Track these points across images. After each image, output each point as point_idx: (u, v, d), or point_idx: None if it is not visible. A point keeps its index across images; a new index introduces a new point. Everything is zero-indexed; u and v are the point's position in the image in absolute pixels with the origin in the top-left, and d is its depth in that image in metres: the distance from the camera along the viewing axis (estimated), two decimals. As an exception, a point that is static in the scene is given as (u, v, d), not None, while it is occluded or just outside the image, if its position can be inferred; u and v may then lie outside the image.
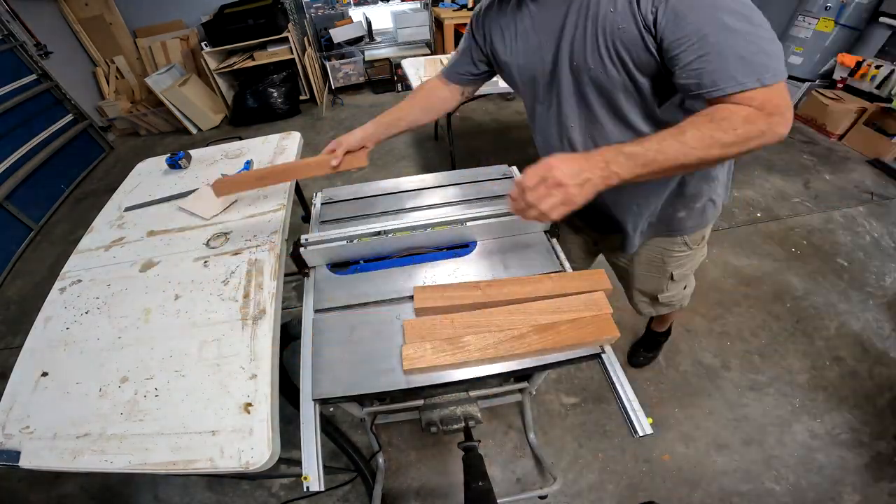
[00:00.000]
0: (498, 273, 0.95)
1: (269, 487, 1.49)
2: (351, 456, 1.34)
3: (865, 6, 3.46)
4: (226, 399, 0.73)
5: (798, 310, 1.98)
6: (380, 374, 0.77)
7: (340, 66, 4.30)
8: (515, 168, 1.33)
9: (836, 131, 3.48)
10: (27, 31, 3.28)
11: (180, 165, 1.42)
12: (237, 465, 0.65)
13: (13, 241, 2.70)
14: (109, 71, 3.96)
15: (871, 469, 1.43)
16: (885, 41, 3.44)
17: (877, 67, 3.28)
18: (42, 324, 0.92)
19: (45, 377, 0.81)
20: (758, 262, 2.25)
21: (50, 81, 3.28)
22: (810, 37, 3.79)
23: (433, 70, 2.50)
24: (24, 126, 3.01)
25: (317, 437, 0.71)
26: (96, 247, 1.13)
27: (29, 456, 0.70)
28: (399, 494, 1.44)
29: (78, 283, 1.02)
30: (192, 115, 3.88)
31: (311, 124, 3.94)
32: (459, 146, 3.32)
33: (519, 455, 1.52)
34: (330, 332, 0.85)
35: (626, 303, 1.29)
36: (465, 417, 1.01)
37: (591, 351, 0.79)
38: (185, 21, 4.14)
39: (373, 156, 3.68)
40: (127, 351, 0.84)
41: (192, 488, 1.50)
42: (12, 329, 2.17)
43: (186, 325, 0.87)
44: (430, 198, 1.24)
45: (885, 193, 2.79)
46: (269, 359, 0.79)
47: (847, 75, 3.52)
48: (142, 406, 0.74)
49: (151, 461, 0.67)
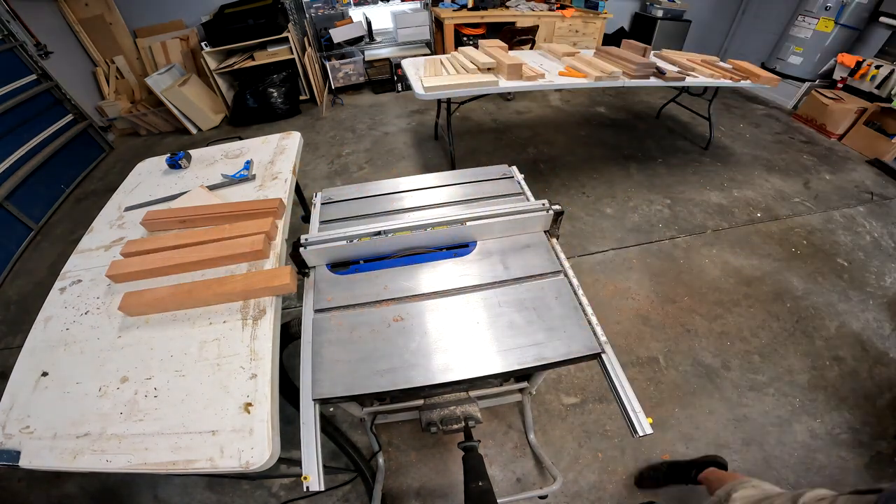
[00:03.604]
0: (498, 273, 0.95)
1: (269, 487, 1.49)
2: (351, 456, 1.34)
3: (865, 6, 3.46)
4: (226, 399, 0.73)
5: (798, 310, 1.98)
6: (380, 373, 0.77)
7: (340, 66, 4.30)
8: (515, 168, 1.33)
9: (836, 131, 3.48)
10: (27, 31, 3.28)
11: (180, 165, 1.42)
12: (237, 465, 0.65)
13: (13, 241, 2.70)
14: (109, 71, 3.96)
15: (871, 469, 1.43)
16: (885, 41, 3.44)
17: (877, 67, 3.29)
18: (42, 324, 0.92)
19: (45, 377, 0.81)
20: (758, 261, 2.25)
21: (50, 81, 3.28)
22: (810, 37, 3.79)
23: (433, 70, 2.50)
24: (24, 126, 3.01)
25: (317, 437, 0.71)
26: (96, 247, 1.13)
27: (29, 456, 0.70)
28: (399, 494, 1.44)
29: (78, 282, 1.02)
30: (192, 115, 3.88)
31: (311, 124, 3.94)
32: (459, 146, 3.32)
33: (519, 455, 1.52)
34: (330, 332, 0.85)
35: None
36: (465, 417, 1.01)
37: (591, 351, 0.79)
38: (185, 21, 4.14)
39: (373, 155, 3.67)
40: (127, 351, 0.84)
41: (192, 488, 1.50)
42: (12, 329, 2.17)
43: (186, 325, 0.87)
44: (429, 198, 1.24)
45: (885, 193, 2.79)
46: (269, 359, 0.79)
47: (847, 75, 3.53)
48: (142, 406, 0.74)
49: (151, 461, 0.67)
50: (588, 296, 0.89)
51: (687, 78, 2.57)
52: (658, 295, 2.09)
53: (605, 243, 2.39)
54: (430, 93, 2.22)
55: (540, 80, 2.34)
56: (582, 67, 2.47)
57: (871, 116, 3.25)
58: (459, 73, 2.43)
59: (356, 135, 3.67)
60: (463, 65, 2.51)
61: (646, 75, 2.45)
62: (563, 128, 3.65)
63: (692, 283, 2.14)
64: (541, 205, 1.03)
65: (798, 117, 3.86)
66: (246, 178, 1.33)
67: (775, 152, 3.33)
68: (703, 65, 2.77)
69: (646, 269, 2.23)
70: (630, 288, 2.12)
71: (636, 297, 2.08)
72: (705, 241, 2.41)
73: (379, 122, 3.87)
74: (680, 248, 2.36)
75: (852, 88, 3.52)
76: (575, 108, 4.10)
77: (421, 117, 3.91)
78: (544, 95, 4.31)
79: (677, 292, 2.10)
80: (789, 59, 4.01)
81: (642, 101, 4.27)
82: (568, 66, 2.55)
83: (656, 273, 2.21)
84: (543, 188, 2.83)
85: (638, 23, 5.02)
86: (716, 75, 2.62)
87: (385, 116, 3.98)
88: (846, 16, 3.50)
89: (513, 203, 1.11)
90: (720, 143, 3.47)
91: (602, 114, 3.99)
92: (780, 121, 3.88)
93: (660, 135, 3.57)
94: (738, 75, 2.64)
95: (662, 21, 4.70)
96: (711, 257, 2.30)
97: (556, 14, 4.30)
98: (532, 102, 4.19)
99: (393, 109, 4.12)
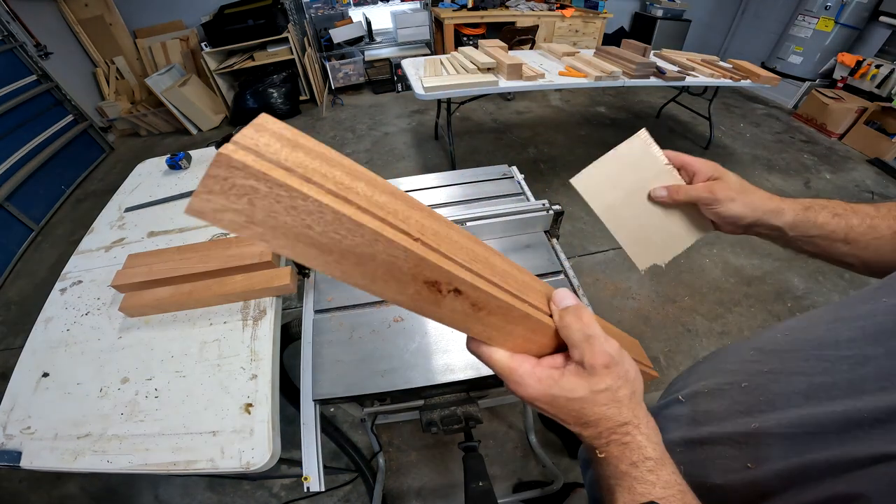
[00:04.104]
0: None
1: (269, 488, 1.49)
2: (351, 456, 1.34)
3: (865, 5, 3.46)
4: (226, 399, 0.73)
5: (799, 309, 1.98)
6: (380, 374, 0.77)
7: (340, 66, 4.30)
8: (515, 168, 1.33)
9: (836, 131, 3.48)
10: (27, 31, 3.28)
11: (180, 166, 1.42)
12: (238, 466, 0.65)
13: (14, 242, 2.70)
14: (109, 71, 3.96)
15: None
16: (885, 40, 3.44)
17: (877, 67, 3.28)
18: (43, 324, 0.92)
19: (46, 378, 0.81)
20: (758, 261, 2.25)
21: (50, 82, 3.28)
22: (810, 36, 3.79)
23: (433, 70, 2.50)
24: (25, 127, 3.01)
25: (317, 437, 0.72)
26: (97, 247, 1.13)
27: (30, 456, 0.70)
28: (399, 494, 1.44)
29: (79, 283, 1.02)
30: (192, 115, 3.88)
31: (311, 125, 3.94)
32: (459, 146, 3.32)
33: (519, 455, 1.52)
34: (330, 333, 0.85)
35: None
36: (466, 417, 1.01)
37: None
38: (185, 21, 4.15)
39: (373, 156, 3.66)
40: (127, 351, 0.84)
41: (193, 489, 1.50)
42: (13, 330, 2.17)
43: (187, 325, 0.87)
44: (430, 198, 1.24)
45: (885, 193, 2.78)
46: (269, 359, 0.79)
47: (847, 74, 3.52)
48: (142, 406, 0.74)
49: (152, 461, 0.67)
50: (588, 296, 0.89)
51: (687, 77, 2.57)
52: (658, 295, 2.09)
53: (606, 243, 2.39)
54: (430, 93, 2.22)
55: (540, 80, 2.34)
56: (582, 67, 2.47)
57: (872, 116, 3.25)
58: (459, 73, 2.43)
59: (356, 135, 3.67)
60: (463, 65, 2.51)
61: (646, 75, 2.45)
62: (564, 128, 3.65)
63: (693, 283, 2.14)
64: (541, 205, 1.03)
65: (798, 117, 3.86)
66: (246, 178, 1.33)
67: (775, 152, 3.33)
68: (703, 64, 2.77)
69: (646, 268, 2.23)
70: (630, 288, 2.12)
71: (636, 296, 2.08)
72: (706, 241, 2.41)
73: (379, 123, 3.87)
74: (680, 248, 2.36)
75: (852, 88, 3.52)
76: (575, 108, 4.10)
77: (421, 117, 3.91)
78: (544, 95, 4.31)
79: (678, 292, 2.10)
80: (789, 59, 4.01)
81: (642, 101, 4.27)
82: (568, 66, 2.55)
83: (657, 273, 2.21)
84: (543, 188, 2.83)
85: (638, 22, 5.02)
86: (716, 75, 2.62)
87: (385, 116, 3.98)
88: (846, 15, 3.50)
89: (513, 203, 1.11)
90: (720, 142, 3.47)
91: (602, 113, 3.99)
92: (781, 120, 3.88)
93: (660, 134, 3.57)
94: (739, 75, 2.64)
95: (662, 21, 4.70)
96: (712, 257, 2.30)
97: (556, 14, 4.30)
98: (532, 102, 4.19)
99: (393, 109, 4.12)
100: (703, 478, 0.42)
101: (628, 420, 0.34)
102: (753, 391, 0.42)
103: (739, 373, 0.46)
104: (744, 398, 0.42)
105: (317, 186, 0.21)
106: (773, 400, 0.39)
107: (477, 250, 0.30)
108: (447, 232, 0.28)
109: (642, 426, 0.34)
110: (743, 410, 0.42)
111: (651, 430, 0.35)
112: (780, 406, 0.38)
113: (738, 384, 0.44)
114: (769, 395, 0.39)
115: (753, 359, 0.45)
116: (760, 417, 0.39)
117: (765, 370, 0.42)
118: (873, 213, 0.48)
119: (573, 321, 0.34)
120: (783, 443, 0.36)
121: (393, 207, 0.25)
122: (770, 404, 0.39)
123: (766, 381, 0.41)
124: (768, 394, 0.40)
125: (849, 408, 0.31)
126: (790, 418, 0.36)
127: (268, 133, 0.22)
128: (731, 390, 0.45)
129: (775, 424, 0.37)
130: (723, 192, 0.51)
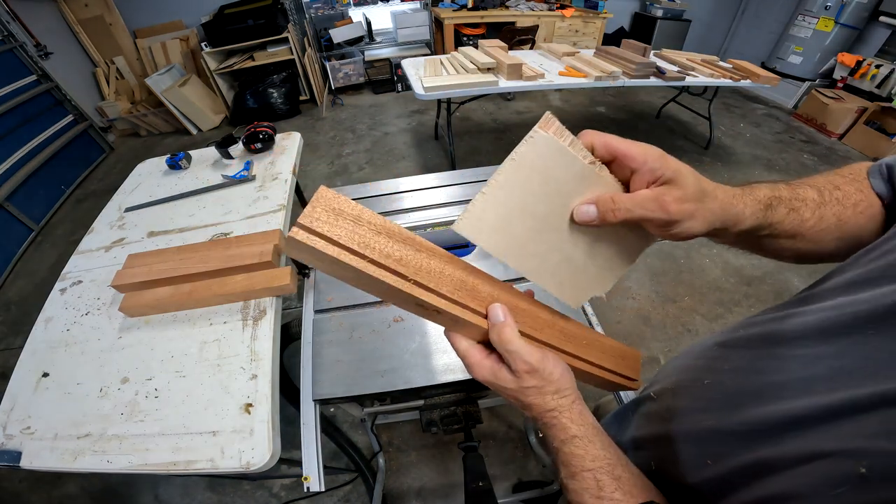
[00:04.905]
0: (498, 273, 0.95)
1: (269, 488, 1.49)
2: (351, 456, 1.34)
3: (865, 5, 3.46)
4: (226, 399, 0.73)
5: (798, 309, 1.98)
6: (380, 374, 0.77)
7: (340, 66, 4.30)
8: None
9: (836, 131, 3.48)
10: (27, 31, 3.28)
11: (180, 166, 1.42)
12: (238, 466, 0.65)
13: (14, 242, 2.70)
14: (109, 71, 3.96)
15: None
16: (884, 40, 3.44)
17: (877, 67, 3.29)
18: (43, 324, 0.92)
19: (46, 378, 0.81)
20: (758, 261, 2.25)
21: (50, 82, 3.28)
22: (810, 36, 3.79)
23: (433, 70, 2.50)
24: (25, 127, 3.01)
25: (317, 437, 0.72)
26: (97, 247, 1.13)
27: (30, 456, 0.70)
28: (399, 494, 1.44)
29: (79, 283, 1.02)
30: (192, 115, 3.88)
31: (311, 125, 3.94)
32: (459, 146, 3.32)
33: (519, 455, 1.52)
34: (330, 333, 0.85)
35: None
36: (466, 417, 1.01)
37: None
38: (184, 21, 4.14)
39: (373, 156, 3.65)
40: (127, 351, 0.84)
41: (193, 489, 1.50)
42: (13, 330, 2.17)
43: (187, 325, 0.87)
44: (430, 198, 1.24)
45: (885, 193, 2.78)
46: (269, 359, 0.79)
47: (847, 74, 3.52)
48: (142, 406, 0.74)
49: (152, 462, 0.67)
50: (588, 296, 0.89)
51: (687, 77, 2.57)
52: (658, 294, 2.09)
53: (606, 243, 2.39)
54: (430, 93, 2.22)
55: (540, 80, 2.34)
56: (582, 67, 2.47)
57: (872, 116, 3.25)
58: (459, 73, 2.43)
59: (356, 135, 3.67)
60: (463, 65, 2.51)
61: (646, 75, 2.45)
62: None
63: (693, 283, 2.14)
64: (541, 205, 1.03)
65: (798, 117, 3.86)
66: (246, 178, 1.33)
67: (775, 152, 3.33)
68: (703, 64, 2.77)
69: (646, 268, 2.23)
70: (630, 287, 2.12)
71: (636, 296, 2.08)
72: (706, 241, 2.40)
73: (379, 123, 3.87)
74: (680, 248, 2.36)
75: (852, 88, 3.52)
76: (575, 108, 4.10)
77: (421, 117, 3.91)
78: (544, 95, 4.31)
79: (678, 292, 2.10)
80: (789, 59, 4.01)
81: (642, 101, 4.27)
82: (568, 66, 2.55)
83: (657, 273, 2.21)
84: (543, 188, 2.83)
85: (638, 22, 5.02)
86: (716, 75, 2.62)
87: (385, 116, 3.98)
88: (846, 15, 3.50)
89: (513, 203, 1.11)
90: (720, 142, 3.47)
91: (602, 113, 3.99)
92: (781, 120, 3.88)
93: (660, 134, 3.57)
94: (738, 75, 2.64)
95: (662, 21, 4.69)
96: (712, 257, 2.30)
97: (556, 14, 4.30)
98: (532, 102, 4.19)
99: (393, 109, 4.12)
100: (671, 474, 0.43)
101: (553, 407, 0.42)
102: (714, 388, 0.43)
103: (703, 369, 0.47)
104: (705, 395, 0.44)
105: (347, 251, 0.35)
106: (731, 398, 0.40)
107: (461, 277, 0.41)
108: (441, 267, 0.39)
109: (566, 411, 0.41)
110: (702, 408, 0.43)
111: (576, 414, 0.42)
112: (736, 404, 0.38)
113: (702, 381, 0.45)
114: (727, 394, 0.41)
115: (717, 355, 0.46)
116: (717, 415, 0.40)
117: (726, 367, 0.43)
118: (818, 199, 0.44)
119: (495, 338, 0.41)
120: (737, 441, 0.37)
121: (399, 255, 0.37)
122: (727, 402, 0.40)
123: (726, 378, 0.42)
124: (726, 392, 0.41)
125: (796, 407, 0.32)
126: (743, 417, 0.37)
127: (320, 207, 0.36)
128: (692, 387, 0.47)
129: (730, 423, 0.38)
130: (677, 206, 0.36)
